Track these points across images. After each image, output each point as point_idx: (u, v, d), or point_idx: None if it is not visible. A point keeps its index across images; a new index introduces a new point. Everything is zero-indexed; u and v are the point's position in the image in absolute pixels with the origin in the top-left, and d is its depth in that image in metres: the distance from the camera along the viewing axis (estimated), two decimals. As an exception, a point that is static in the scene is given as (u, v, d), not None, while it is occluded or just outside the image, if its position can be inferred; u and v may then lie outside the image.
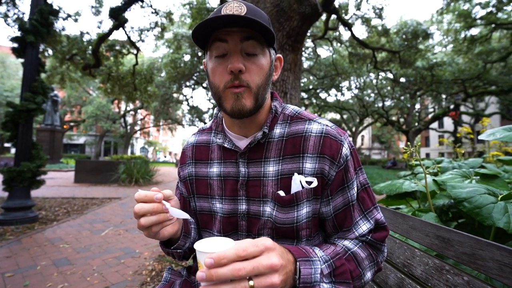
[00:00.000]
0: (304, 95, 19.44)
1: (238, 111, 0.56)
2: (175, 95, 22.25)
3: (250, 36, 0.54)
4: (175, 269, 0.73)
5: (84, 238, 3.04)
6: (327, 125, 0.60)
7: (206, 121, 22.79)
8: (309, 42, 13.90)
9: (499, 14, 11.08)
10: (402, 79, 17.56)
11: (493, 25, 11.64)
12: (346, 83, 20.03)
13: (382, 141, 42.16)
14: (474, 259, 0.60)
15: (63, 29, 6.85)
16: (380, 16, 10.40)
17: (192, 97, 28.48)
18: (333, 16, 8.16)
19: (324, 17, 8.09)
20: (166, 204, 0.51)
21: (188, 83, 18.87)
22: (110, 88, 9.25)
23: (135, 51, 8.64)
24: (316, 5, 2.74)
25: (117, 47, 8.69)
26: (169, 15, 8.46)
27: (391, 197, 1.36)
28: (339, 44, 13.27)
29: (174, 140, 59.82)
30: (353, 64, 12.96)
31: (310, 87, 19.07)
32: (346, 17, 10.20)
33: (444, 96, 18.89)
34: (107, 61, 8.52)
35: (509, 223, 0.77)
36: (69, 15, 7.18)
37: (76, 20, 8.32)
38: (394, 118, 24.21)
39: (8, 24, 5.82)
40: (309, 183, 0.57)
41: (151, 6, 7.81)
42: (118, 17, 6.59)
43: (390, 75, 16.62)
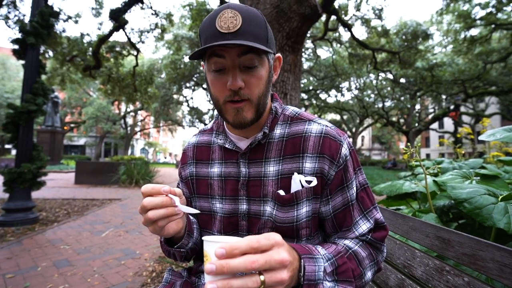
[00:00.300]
0: (304, 96, 19.46)
1: (240, 124, 0.57)
2: (175, 96, 22.29)
3: (248, 50, 0.53)
4: (176, 270, 0.73)
5: (85, 239, 3.04)
6: (327, 126, 0.61)
7: (206, 122, 22.83)
8: (309, 43, 13.93)
9: (499, 15, 11.11)
10: (402, 80, 17.58)
11: (493, 26, 11.66)
12: (346, 84, 20.07)
13: (382, 142, 42.15)
14: (475, 260, 0.60)
15: (64, 31, 6.87)
16: (380, 17, 10.43)
17: (192, 98, 28.49)
18: (333, 17, 8.19)
19: (324, 18, 8.11)
20: (174, 198, 0.50)
21: (188, 84, 18.91)
22: (110, 90, 9.27)
23: (135, 53, 8.66)
24: (316, 6, 2.75)
25: (117, 49, 8.72)
26: (169, 17, 8.48)
27: (391, 198, 1.36)
28: (339, 45, 13.29)
29: (174, 141, 59.84)
30: (353, 65, 12.98)
31: (310, 88, 19.09)
32: (346, 18, 10.22)
33: (444, 97, 18.90)
34: (107, 63, 8.54)
35: (510, 224, 0.77)
36: (70, 17, 7.21)
37: (77, 22, 8.35)
38: (394, 119, 24.21)
39: (9, 26, 5.85)
40: (309, 182, 0.57)
41: (151, 8, 7.83)
42: (118, 19, 6.61)
43: (390, 76, 16.64)
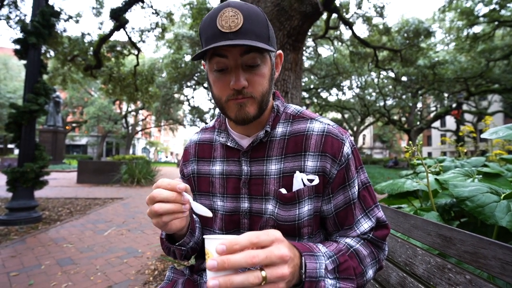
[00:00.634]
0: (305, 95, 19.41)
1: (242, 119, 0.56)
2: (176, 96, 22.31)
3: (250, 49, 0.52)
4: (178, 268, 0.73)
5: (87, 238, 3.06)
6: (329, 124, 0.61)
7: (207, 121, 22.82)
8: (310, 42, 13.87)
9: (502, 12, 10.98)
10: (404, 78, 17.48)
11: (496, 23, 11.55)
12: (347, 82, 19.99)
13: (384, 141, 42.01)
14: (477, 258, 0.60)
15: (65, 31, 6.88)
16: (381, 15, 10.36)
17: (193, 97, 28.57)
18: (334, 15, 8.14)
19: (325, 16, 8.08)
20: (188, 196, 0.49)
21: (189, 84, 18.90)
22: (112, 89, 9.28)
23: (136, 52, 8.66)
24: (317, 4, 2.74)
25: (118, 48, 8.71)
26: (170, 16, 8.47)
27: (393, 197, 1.36)
28: (340, 43, 13.24)
29: (176, 141, 59.93)
30: (354, 63, 12.92)
31: (311, 87, 19.03)
32: (347, 16, 10.16)
33: (446, 95, 18.78)
34: (108, 62, 8.54)
35: (512, 222, 0.76)
36: (70, 17, 7.21)
37: (77, 22, 8.34)
38: (396, 117, 24.11)
39: (10, 26, 5.86)
40: (311, 181, 0.57)
41: (152, 7, 7.82)
42: (119, 18, 6.61)
43: (392, 74, 16.54)
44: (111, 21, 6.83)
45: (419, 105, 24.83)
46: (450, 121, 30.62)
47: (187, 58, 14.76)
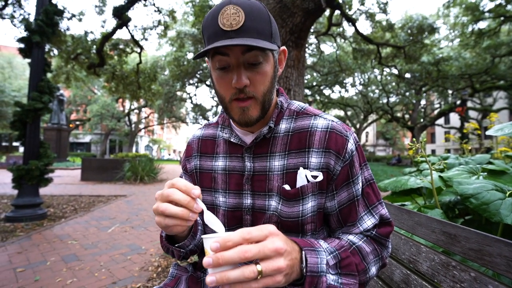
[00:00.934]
0: (308, 92, 19.32)
1: (245, 122, 0.57)
2: (179, 93, 22.34)
3: (251, 47, 0.51)
4: (181, 265, 0.73)
5: (91, 235, 3.09)
6: (333, 121, 0.61)
7: (210, 119, 22.83)
8: (313, 38, 13.76)
9: (508, 7, 10.79)
10: (407, 75, 17.31)
11: (502, 18, 11.35)
12: (350, 80, 19.85)
13: (387, 138, 41.75)
14: (481, 255, 0.60)
15: (68, 29, 6.92)
16: (385, 11, 10.24)
17: (196, 95, 28.56)
18: (337, 12, 8.07)
19: (328, 13, 7.99)
20: (202, 205, 0.46)
21: (192, 81, 18.92)
22: (115, 87, 9.32)
23: (139, 50, 8.68)
24: (320, 1, 2.71)
25: (121, 46, 8.74)
26: (172, 13, 8.46)
27: (396, 194, 1.35)
28: (343, 40, 13.12)
29: (178, 138, 60.16)
30: (357, 60, 12.81)
31: (314, 84, 18.95)
32: (350, 13, 10.06)
33: (451, 92, 18.56)
34: (111, 60, 8.57)
35: (517, 219, 0.75)
36: (74, 15, 7.24)
37: (81, 20, 8.37)
38: (399, 115, 23.94)
39: (15, 25, 5.90)
40: (315, 177, 0.57)
41: (154, 5, 7.81)
42: (122, 16, 6.62)
43: (395, 71, 16.38)
44: (114, 19, 6.85)
45: (423, 102, 24.62)
46: (454, 118, 30.32)
47: (190, 56, 14.75)
